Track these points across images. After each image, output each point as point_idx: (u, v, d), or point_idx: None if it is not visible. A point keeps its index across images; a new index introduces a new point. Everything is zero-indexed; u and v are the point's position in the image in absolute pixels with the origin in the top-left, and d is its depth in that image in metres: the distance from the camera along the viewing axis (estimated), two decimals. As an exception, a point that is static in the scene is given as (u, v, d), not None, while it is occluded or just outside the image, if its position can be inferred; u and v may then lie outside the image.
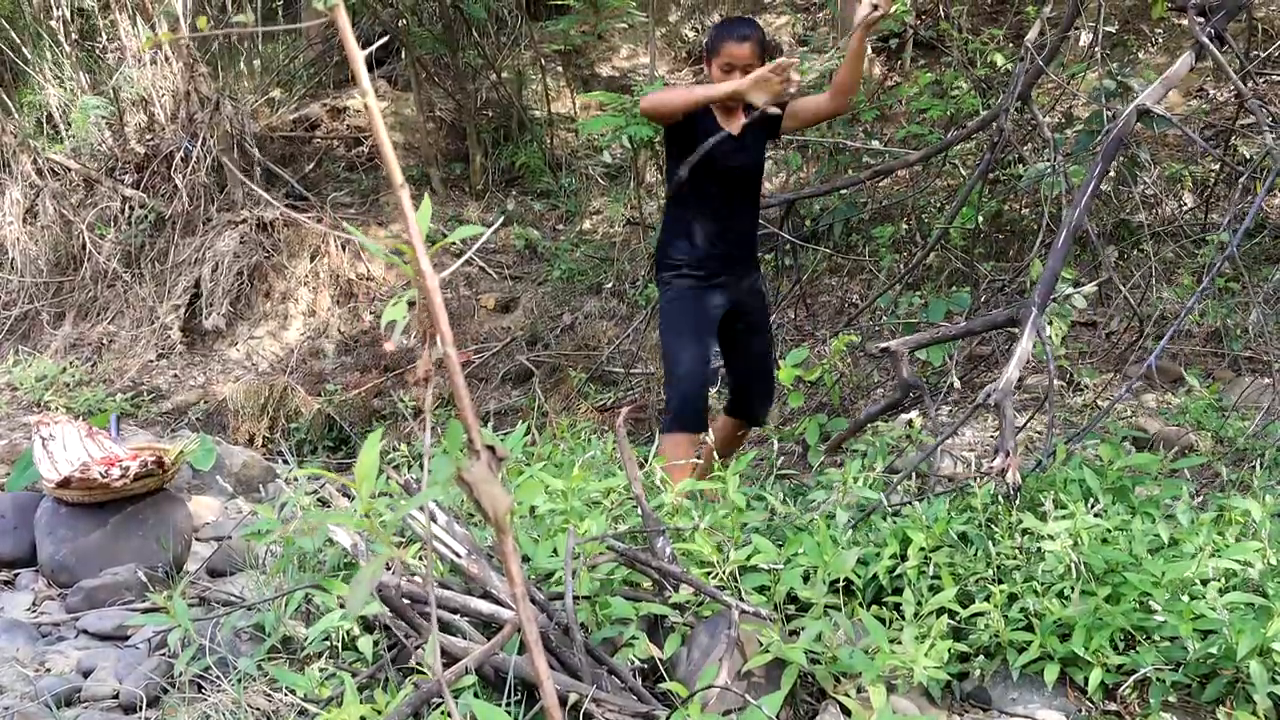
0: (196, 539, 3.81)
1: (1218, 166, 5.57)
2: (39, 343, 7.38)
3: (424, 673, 2.14)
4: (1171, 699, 2.19)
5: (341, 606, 2.41)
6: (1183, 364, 4.59)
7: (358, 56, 0.65)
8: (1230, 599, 2.16)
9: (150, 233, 7.52)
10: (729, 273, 3.58)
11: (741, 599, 2.43)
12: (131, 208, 7.56)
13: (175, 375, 7.00)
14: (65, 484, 3.40)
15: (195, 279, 7.31)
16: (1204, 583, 2.27)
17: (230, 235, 7.35)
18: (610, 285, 6.84)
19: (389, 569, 2.29)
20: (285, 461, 4.72)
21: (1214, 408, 3.88)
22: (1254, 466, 3.27)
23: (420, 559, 2.59)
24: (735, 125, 3.47)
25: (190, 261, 7.37)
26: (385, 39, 8.14)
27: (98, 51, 8.00)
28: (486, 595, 2.42)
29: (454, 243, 0.87)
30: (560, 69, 9.02)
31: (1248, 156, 5.39)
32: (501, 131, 8.56)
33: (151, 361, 7.08)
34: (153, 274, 7.44)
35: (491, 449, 0.62)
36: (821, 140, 6.49)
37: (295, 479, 3.12)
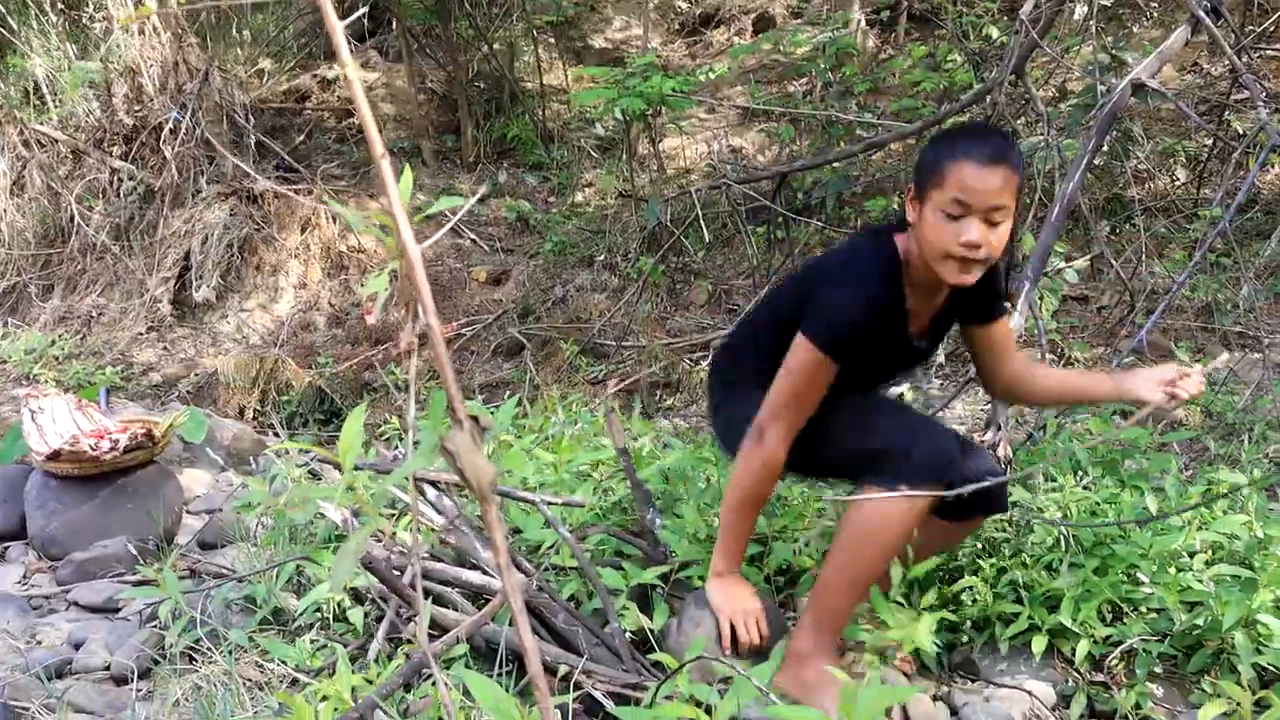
0: (187, 512, 3.81)
1: (1211, 142, 5.56)
2: (27, 315, 7.35)
3: (415, 644, 2.14)
4: (1157, 669, 2.21)
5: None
6: (1173, 339, 4.60)
7: (337, 27, 0.64)
8: (1216, 571, 2.18)
9: (139, 205, 7.47)
10: None
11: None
12: (120, 179, 7.51)
13: (165, 348, 6.98)
14: (55, 457, 3.39)
15: (185, 251, 7.27)
16: (1191, 555, 2.29)
17: (220, 207, 7.30)
18: (602, 258, 6.83)
19: (378, 541, 2.29)
20: (276, 434, 4.72)
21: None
22: (1242, 441, 3.29)
23: (410, 531, 2.59)
24: (925, 319, 2.25)
25: (180, 234, 7.33)
26: (369, 6, 8.08)
27: (84, 21, 7.92)
28: (477, 567, 2.42)
29: (440, 213, 0.86)
30: (553, 40, 8.97)
31: (1241, 132, 5.39)
32: (493, 103, 8.53)
33: (141, 334, 7.05)
34: (142, 246, 7.39)
35: (475, 419, 0.62)
36: (814, 113, 6.46)
37: (286, 452, 3.12)
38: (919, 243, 2.07)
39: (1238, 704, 1.44)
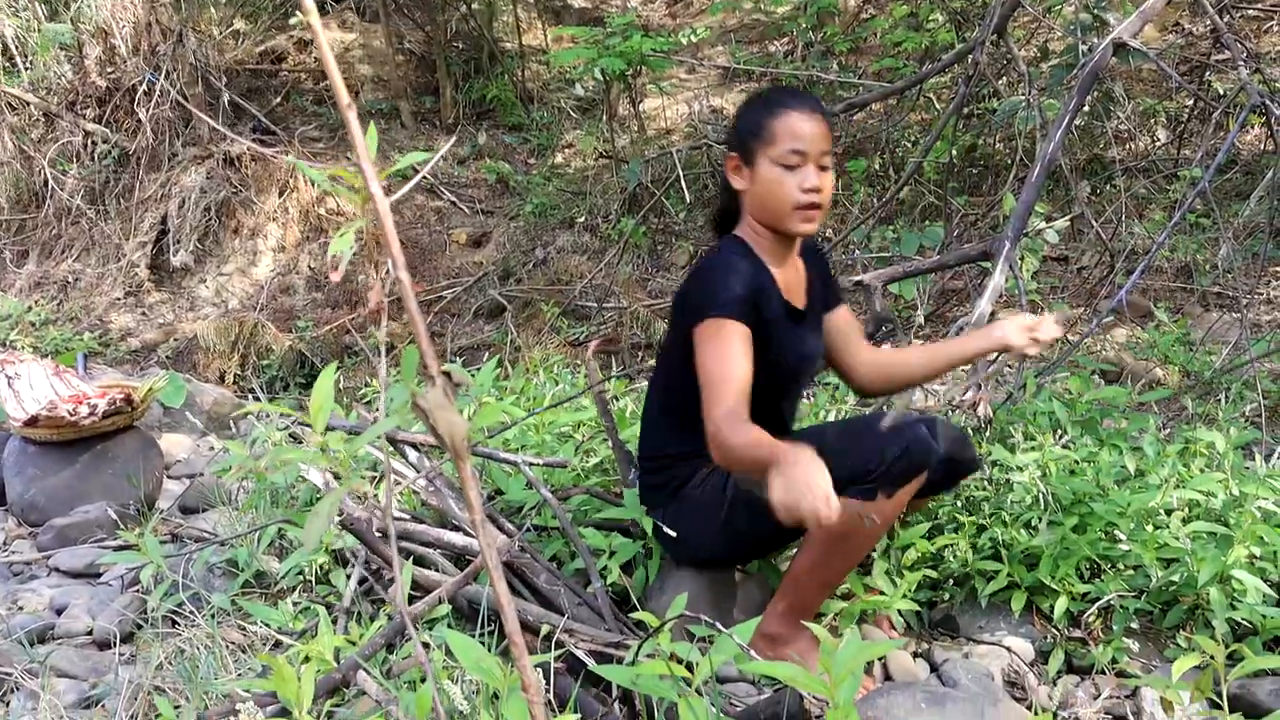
0: (168, 476, 3.80)
1: (1192, 102, 5.56)
2: (2, 281, 7.28)
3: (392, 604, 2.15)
4: (1134, 625, 2.24)
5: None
6: (1152, 299, 4.63)
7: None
8: (1193, 528, 2.20)
9: (114, 168, 7.39)
10: None
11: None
12: (94, 143, 7.42)
13: (143, 313, 6.93)
14: (32, 423, 3.37)
15: (162, 215, 7.20)
16: (1168, 513, 2.31)
17: (197, 171, 7.23)
18: (583, 220, 6.80)
19: (361, 503, 2.29)
20: (256, 399, 4.70)
21: (1182, 342, 3.92)
22: (1219, 400, 3.32)
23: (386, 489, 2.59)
24: (799, 294, 2.24)
25: (156, 198, 7.26)
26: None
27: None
28: (459, 529, 2.43)
29: (414, 172, 0.85)
30: (531, 0, 8.87)
31: (1221, 92, 5.39)
32: (472, 64, 8.44)
33: (119, 299, 7.00)
34: (118, 210, 7.32)
35: (448, 375, 0.61)
36: (795, 73, 6.43)
37: (266, 415, 3.11)
38: (758, 206, 2.10)
39: (1211, 657, 1.46)
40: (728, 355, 1.98)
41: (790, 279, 2.20)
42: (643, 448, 2.33)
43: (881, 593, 2.32)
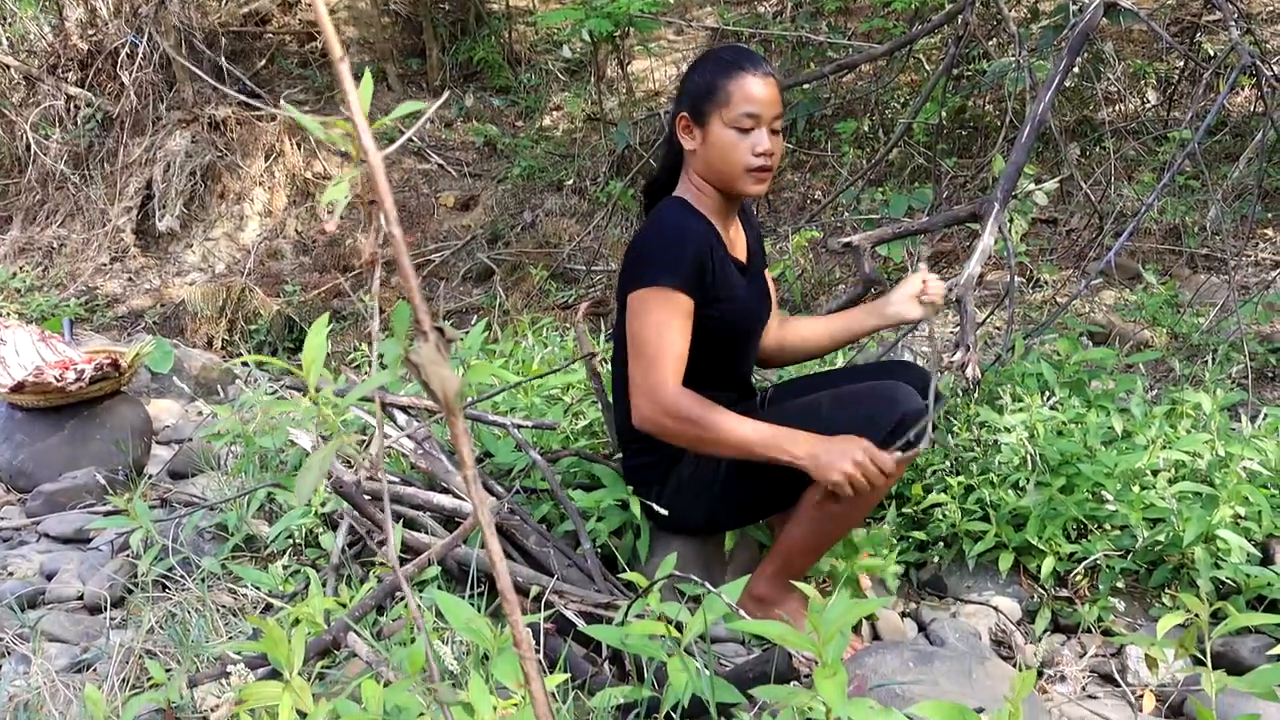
0: (157, 442, 3.79)
1: (1182, 63, 5.54)
2: (-14, 247, 7.22)
3: (387, 566, 2.15)
4: (1120, 584, 2.26)
5: (306, 504, 2.42)
6: (1141, 261, 4.63)
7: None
8: (1179, 489, 2.21)
9: (98, 132, 7.31)
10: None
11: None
12: (77, 107, 7.33)
13: (130, 278, 6.88)
14: (19, 389, 3.36)
15: (147, 180, 7.14)
16: (1154, 473, 2.33)
17: (181, 135, 7.16)
18: (571, 182, 6.76)
19: (350, 466, 2.29)
20: (245, 364, 4.69)
21: (1170, 304, 3.93)
22: (1206, 361, 3.33)
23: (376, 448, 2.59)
24: (742, 251, 2.26)
25: (141, 162, 7.19)
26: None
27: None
28: (449, 491, 2.43)
29: (401, 133, 0.84)
30: (518, -39, 8.78)
31: (1212, 53, 5.37)
32: (459, 25, 8.35)
33: (105, 265, 6.95)
34: (103, 175, 7.25)
35: (440, 330, 0.61)
36: (784, 34, 6.38)
37: (254, 379, 3.10)
38: (709, 167, 2.10)
39: (1196, 616, 1.47)
40: (669, 328, 2.00)
41: (734, 237, 2.23)
42: (622, 429, 2.30)
43: (872, 555, 2.33)
